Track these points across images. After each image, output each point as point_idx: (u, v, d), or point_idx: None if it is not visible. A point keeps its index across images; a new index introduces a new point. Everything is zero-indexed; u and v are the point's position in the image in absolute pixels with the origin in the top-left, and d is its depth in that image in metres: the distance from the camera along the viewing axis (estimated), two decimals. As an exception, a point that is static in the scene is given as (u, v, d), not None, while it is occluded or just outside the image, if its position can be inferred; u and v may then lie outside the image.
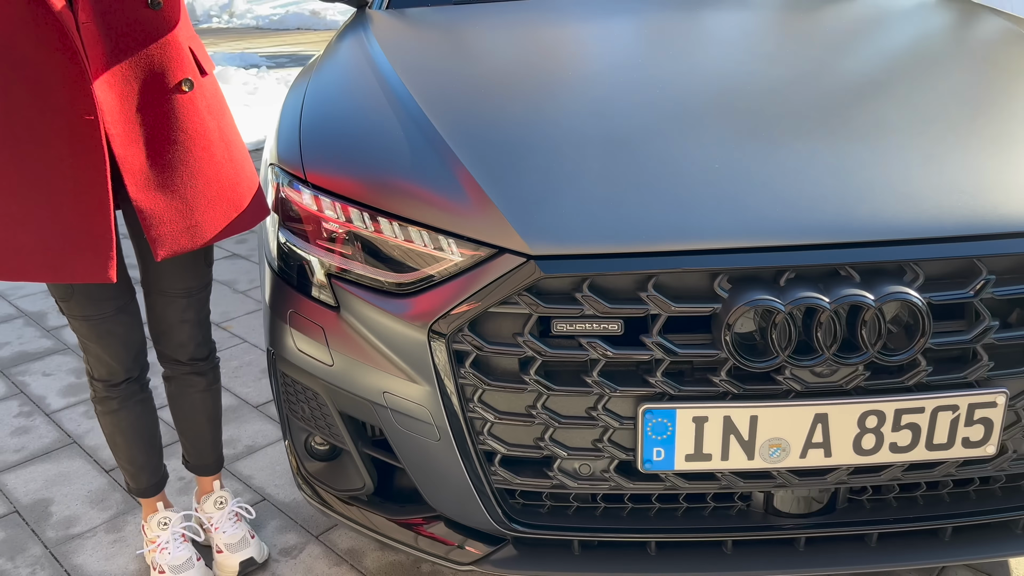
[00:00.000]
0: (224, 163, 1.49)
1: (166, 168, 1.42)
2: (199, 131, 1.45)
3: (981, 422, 1.27)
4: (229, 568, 1.76)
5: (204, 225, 1.48)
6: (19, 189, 1.35)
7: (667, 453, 1.28)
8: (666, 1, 2.22)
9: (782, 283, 1.23)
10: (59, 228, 1.36)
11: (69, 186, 1.35)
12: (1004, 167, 1.34)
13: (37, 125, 1.31)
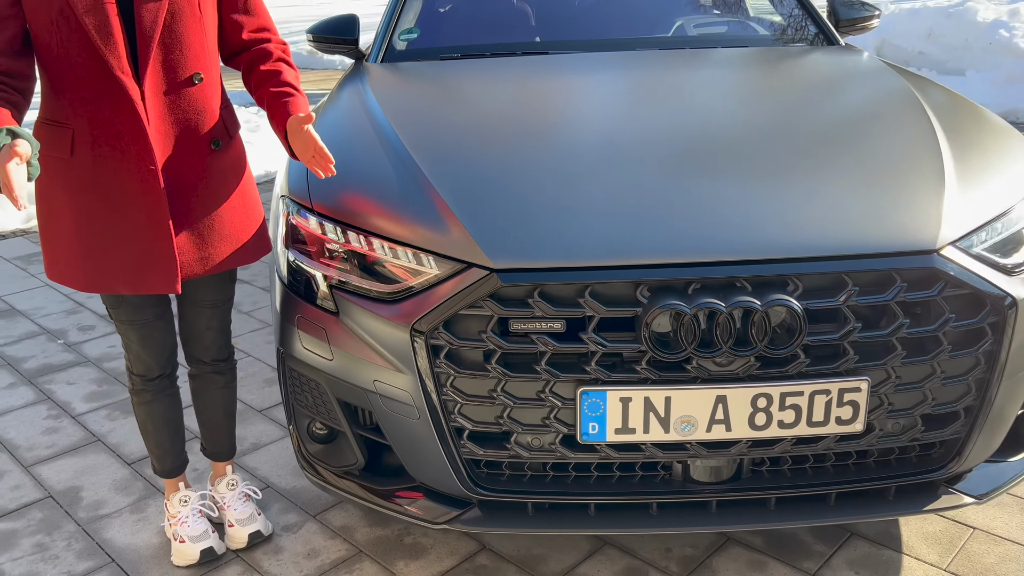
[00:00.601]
0: (238, 208, 1.83)
1: (193, 210, 1.76)
2: (222, 182, 1.80)
3: (850, 404, 1.59)
4: (239, 539, 2.05)
5: (215, 257, 1.81)
6: (105, 222, 1.68)
7: (600, 427, 1.60)
8: (618, 63, 2.58)
9: (690, 291, 1.56)
10: (135, 252, 1.70)
11: (142, 219, 1.69)
12: (868, 201, 1.68)
13: (116, 171, 1.65)
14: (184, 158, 1.74)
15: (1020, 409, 1.78)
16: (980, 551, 1.97)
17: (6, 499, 2.30)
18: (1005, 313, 1.62)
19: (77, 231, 1.71)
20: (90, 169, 1.66)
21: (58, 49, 1.60)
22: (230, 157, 1.84)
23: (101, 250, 1.71)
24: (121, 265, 1.73)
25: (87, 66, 1.60)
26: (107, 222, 1.70)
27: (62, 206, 1.70)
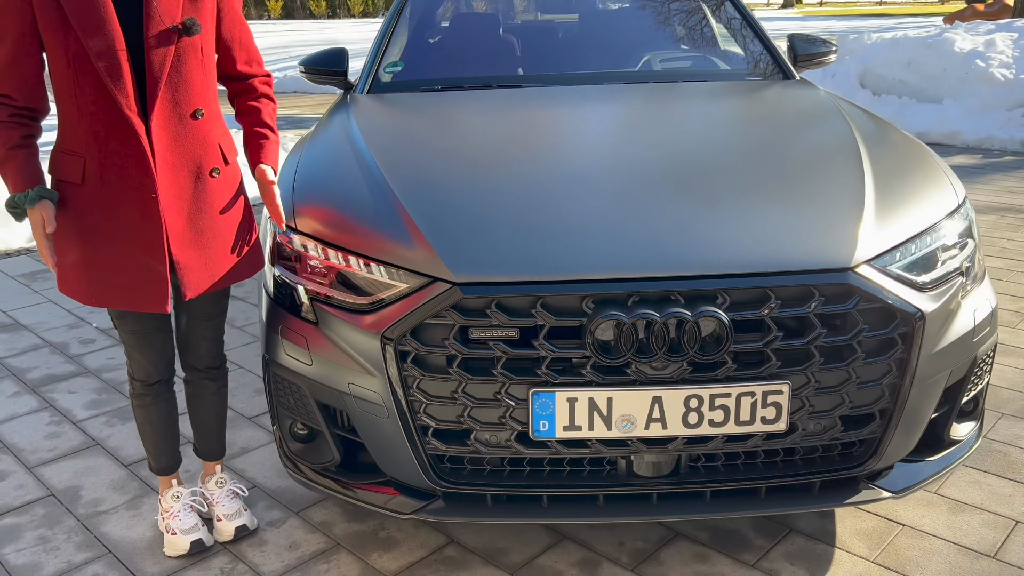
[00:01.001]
0: (236, 229, 2.03)
1: (196, 233, 1.95)
2: (221, 206, 1.99)
3: (773, 405, 1.78)
4: (226, 533, 2.22)
5: (219, 274, 2.00)
6: (108, 245, 1.87)
7: (550, 425, 1.78)
8: (583, 96, 2.79)
9: (629, 303, 1.75)
10: (133, 273, 1.89)
11: (140, 244, 1.87)
12: (792, 223, 1.87)
13: (120, 199, 1.84)
14: (187, 185, 1.93)
15: (934, 413, 1.97)
16: (906, 546, 2.14)
17: (10, 497, 2.47)
18: (914, 325, 1.81)
19: (83, 250, 1.90)
20: (98, 195, 1.86)
21: (73, 88, 1.80)
22: (228, 182, 2.03)
23: (103, 269, 1.89)
24: (120, 284, 1.91)
25: (99, 104, 1.80)
26: (110, 244, 1.89)
27: (71, 227, 1.88)
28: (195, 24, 1.83)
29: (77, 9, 1.75)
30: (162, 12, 1.82)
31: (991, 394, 2.91)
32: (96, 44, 1.76)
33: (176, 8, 1.83)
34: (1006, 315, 3.62)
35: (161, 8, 1.81)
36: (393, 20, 3.39)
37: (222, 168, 1.98)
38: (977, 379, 2.06)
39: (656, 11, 3.56)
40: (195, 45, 1.87)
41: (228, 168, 2.02)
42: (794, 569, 2.06)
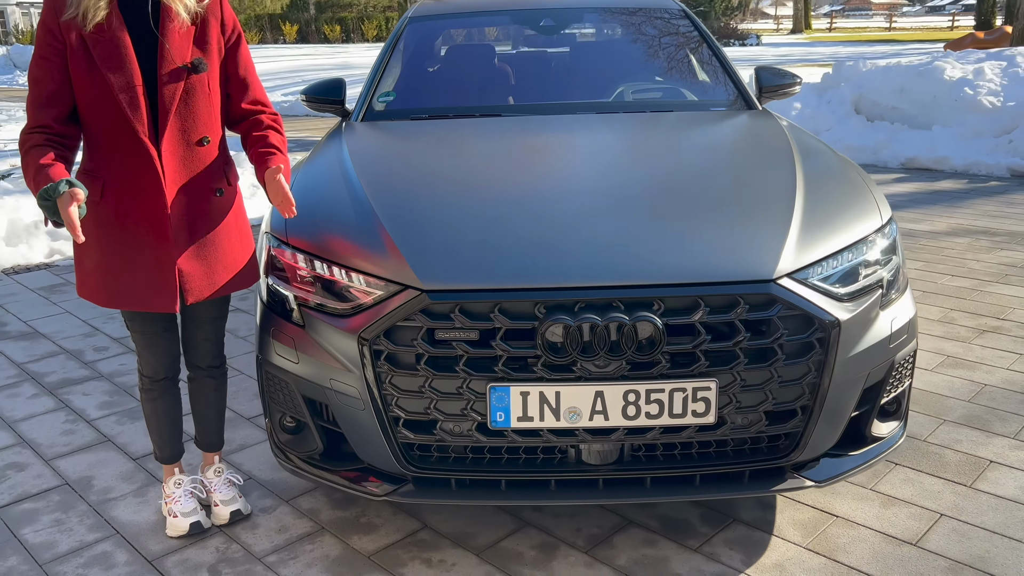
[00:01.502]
0: (236, 243, 2.28)
1: (200, 246, 2.20)
2: (223, 222, 2.24)
3: (702, 400, 2.01)
4: (222, 517, 2.46)
5: (218, 283, 2.25)
6: (121, 252, 2.13)
7: (505, 416, 2.02)
8: (555, 125, 3.05)
9: (576, 309, 1.99)
10: (144, 278, 2.14)
11: (151, 253, 2.13)
12: (724, 239, 2.11)
13: (134, 213, 2.10)
14: (193, 203, 2.19)
15: (854, 411, 2.19)
16: (836, 534, 2.36)
17: (29, 485, 2.72)
18: (830, 331, 2.04)
19: (101, 258, 2.16)
20: (114, 210, 2.12)
21: (98, 117, 2.07)
22: (229, 202, 2.29)
23: (118, 274, 2.15)
24: (133, 288, 2.17)
25: (118, 131, 2.07)
26: (124, 253, 2.15)
27: (91, 238, 2.15)
28: (202, 63, 2.10)
29: (104, 53, 2.02)
30: (173, 53, 2.09)
31: (936, 401, 3.12)
32: (118, 80, 2.03)
33: (186, 49, 2.10)
34: (963, 330, 3.83)
35: (173, 50, 2.08)
36: (387, 53, 3.67)
37: (225, 189, 2.24)
38: (897, 382, 2.28)
39: (632, 46, 3.83)
40: (202, 81, 2.14)
41: (230, 189, 2.29)
42: (732, 553, 2.28)
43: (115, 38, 2.05)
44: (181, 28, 2.11)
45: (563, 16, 3.89)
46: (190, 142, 2.15)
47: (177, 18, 2.11)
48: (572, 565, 2.25)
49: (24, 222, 5.66)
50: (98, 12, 2.01)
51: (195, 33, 2.15)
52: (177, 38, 2.11)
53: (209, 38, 2.17)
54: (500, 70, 3.62)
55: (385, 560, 2.29)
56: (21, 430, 3.10)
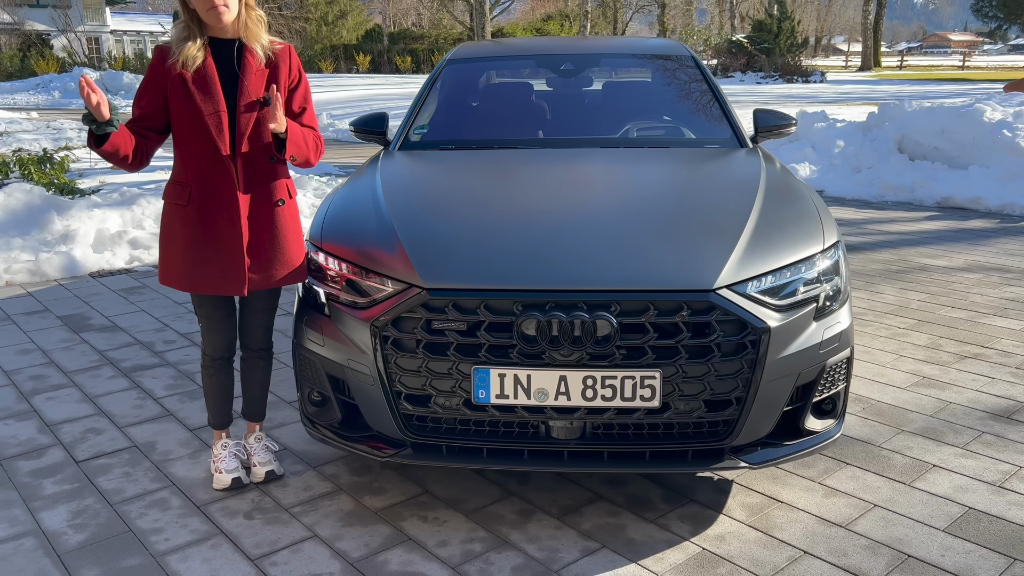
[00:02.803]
0: (292, 245, 2.76)
1: (262, 244, 2.70)
2: (282, 227, 2.74)
3: (649, 387, 2.41)
4: (259, 475, 2.94)
5: (275, 277, 2.75)
6: (202, 247, 2.63)
7: (486, 393, 2.45)
8: (561, 157, 3.50)
9: (547, 308, 2.42)
10: (219, 267, 2.65)
11: (226, 247, 2.64)
12: (677, 255, 2.53)
13: (214, 215, 2.62)
14: (260, 210, 2.70)
15: (787, 406, 2.56)
16: (777, 515, 2.72)
17: (105, 445, 3.26)
18: (761, 335, 2.43)
19: (184, 251, 2.67)
20: (197, 213, 2.64)
21: (189, 138, 2.60)
22: (289, 211, 2.79)
23: (198, 264, 2.66)
24: (210, 275, 2.67)
25: (205, 149, 2.59)
26: (204, 247, 2.66)
27: (177, 235, 2.67)
28: (271, 98, 2.61)
29: (197, 88, 2.56)
30: (249, 89, 2.61)
31: (899, 415, 3.44)
32: (207, 107, 2.57)
33: (260, 86, 2.62)
34: (945, 356, 4.12)
35: (249, 86, 2.61)
36: (426, 91, 4.19)
37: (286, 200, 2.75)
38: (830, 384, 2.65)
39: (643, 88, 4.27)
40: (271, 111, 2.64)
41: (290, 201, 2.79)
42: (682, 525, 2.66)
43: (206, 76, 2.59)
44: (257, 69, 2.65)
45: (582, 61, 4.36)
46: (260, 159, 2.66)
47: (255, 59, 2.64)
48: (544, 527, 2.66)
49: (110, 232, 6.35)
50: (196, 59, 2.57)
51: (268, 74, 2.67)
52: (253, 77, 2.64)
53: (279, 79, 2.70)
54: (522, 108, 4.10)
55: (389, 515, 2.74)
56: (100, 403, 3.66)
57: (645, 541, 2.59)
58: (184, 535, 2.65)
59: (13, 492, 2.91)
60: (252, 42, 2.64)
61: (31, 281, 5.68)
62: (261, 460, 2.97)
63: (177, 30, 2.62)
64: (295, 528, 2.68)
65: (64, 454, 3.19)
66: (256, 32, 2.66)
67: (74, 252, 5.99)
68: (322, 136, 2.87)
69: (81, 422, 3.46)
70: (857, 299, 5.09)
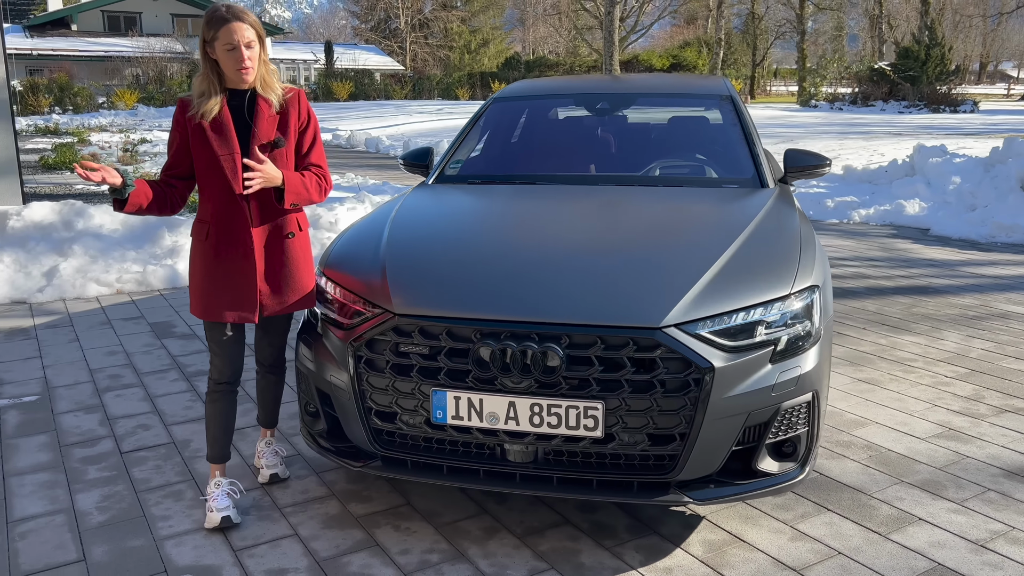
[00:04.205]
0: (302, 274, 3.02)
1: (274, 274, 2.97)
2: (293, 258, 2.99)
3: (592, 417, 2.53)
4: (264, 477, 3.23)
5: (287, 303, 3.01)
6: (220, 279, 2.91)
7: (443, 414, 2.64)
8: (575, 194, 3.66)
9: (502, 337, 2.59)
10: (235, 295, 2.91)
11: (240, 278, 2.91)
12: (632, 292, 2.63)
13: (230, 250, 2.89)
14: (273, 243, 2.98)
15: (736, 445, 2.61)
16: (734, 554, 2.75)
17: (148, 440, 3.66)
18: (704, 374, 2.50)
19: (203, 282, 2.94)
20: (215, 248, 2.92)
21: (208, 180, 2.89)
22: (300, 243, 3.07)
23: (214, 293, 2.93)
24: (226, 302, 2.93)
25: (221, 188, 2.87)
26: (221, 279, 2.93)
27: (197, 268, 2.95)
28: (281, 140, 2.90)
29: (214, 134, 2.85)
30: (261, 134, 2.89)
31: (905, 465, 3.35)
32: (222, 151, 2.85)
33: (271, 131, 2.90)
34: (984, 408, 3.94)
35: (260, 131, 2.89)
36: (469, 127, 4.44)
37: (296, 233, 3.00)
38: (786, 427, 2.66)
39: (675, 127, 4.35)
40: (282, 153, 2.92)
41: (301, 233, 3.04)
42: (636, 555, 2.74)
43: (223, 124, 2.87)
44: (269, 115, 2.93)
45: (619, 100, 4.49)
46: (271, 198, 2.93)
47: (267, 106, 2.95)
48: (503, 545, 2.81)
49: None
50: (213, 110, 2.84)
51: (279, 119, 2.95)
52: (265, 123, 2.92)
53: (288, 123, 2.97)
54: (552, 146, 4.28)
55: (366, 522, 2.97)
56: (157, 403, 4.10)
57: (593, 567, 2.68)
58: (186, 524, 2.97)
59: (62, 475, 3.34)
60: (268, 93, 2.91)
61: (137, 290, 6.33)
62: (268, 463, 3.26)
63: (197, 83, 2.91)
64: (281, 526, 2.95)
65: (113, 445, 3.61)
66: (271, 83, 2.92)
67: (177, 265, 6.61)
68: (329, 174, 3.14)
69: (136, 418, 3.90)
70: (912, 345, 4.92)
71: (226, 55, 2.80)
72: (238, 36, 2.77)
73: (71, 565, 2.72)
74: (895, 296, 6.10)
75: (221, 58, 2.82)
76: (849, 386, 4.23)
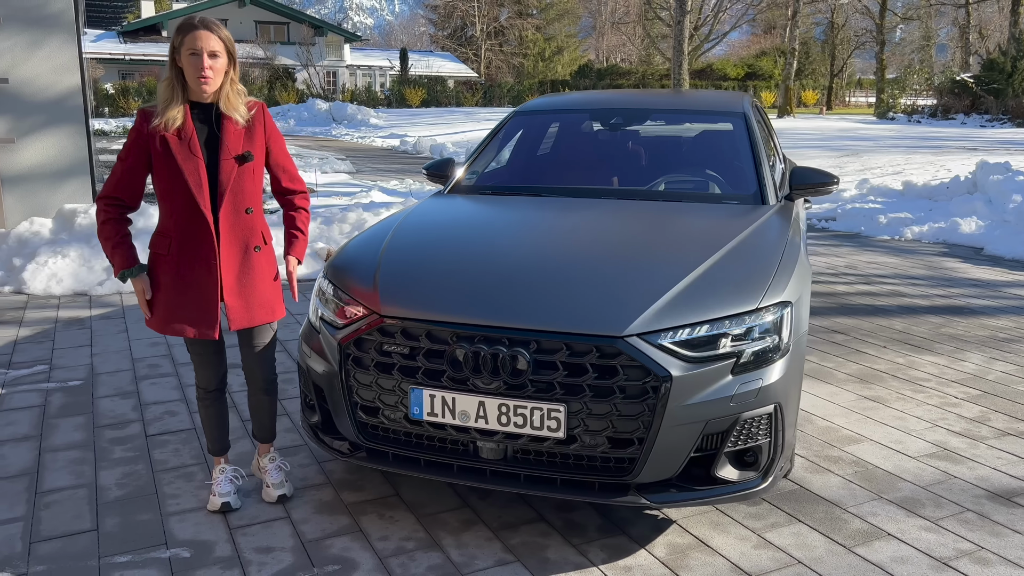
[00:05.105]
0: (268, 286, 3.10)
1: (242, 288, 3.06)
2: (259, 271, 3.09)
3: (555, 419, 2.68)
4: (271, 496, 3.16)
5: (254, 316, 3.09)
6: (182, 293, 3.01)
7: (419, 410, 2.83)
8: (578, 207, 3.80)
9: (475, 340, 2.76)
10: (196, 311, 3.01)
11: (202, 293, 3.00)
12: (600, 303, 2.77)
13: (192, 264, 3.00)
14: (238, 256, 2.96)
15: (694, 452, 2.72)
16: (695, 557, 2.85)
17: (174, 425, 3.95)
18: (662, 383, 2.63)
19: (164, 296, 2.93)
20: (177, 261, 2.90)
21: (172, 194, 2.98)
22: (266, 256, 3.05)
23: (176, 308, 2.94)
24: (186, 318, 2.94)
25: (185, 202, 2.98)
26: (182, 293, 2.92)
27: (158, 281, 2.95)
28: (249, 155, 3.00)
29: (178, 149, 2.93)
30: (229, 147, 2.98)
31: (888, 482, 3.39)
32: (188, 167, 2.94)
33: (239, 145, 2.99)
34: (986, 430, 3.92)
35: (228, 145, 2.97)
36: (489, 139, 4.63)
37: (262, 246, 3.10)
38: (746, 437, 2.76)
39: (687, 143, 4.44)
40: (249, 167, 3.04)
41: (266, 247, 3.07)
42: (599, 553, 2.87)
43: (188, 138, 2.87)
44: (236, 129, 2.99)
45: (634, 116, 4.61)
46: (238, 212, 2.95)
47: (233, 125, 2.93)
48: (476, 537, 2.98)
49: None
50: (176, 121, 2.91)
51: (245, 133, 2.96)
52: (232, 138, 2.93)
53: (254, 137, 2.97)
54: (566, 160, 4.43)
55: (355, 509, 3.17)
56: (187, 391, 4.40)
57: (556, 562, 2.83)
58: (192, 503, 3.23)
59: (91, 453, 3.65)
60: (230, 111, 2.92)
61: (188, 286, 6.71)
62: (274, 482, 3.23)
63: (161, 89, 2.89)
64: (276, 508, 3.18)
65: (140, 429, 3.92)
66: (235, 103, 2.92)
67: (228, 264, 6.98)
68: (299, 176, 3.22)
69: (165, 405, 4.20)
70: (930, 365, 4.88)
71: (188, 61, 2.81)
72: (202, 43, 2.80)
73: (84, 534, 3.00)
74: (926, 315, 6.03)
75: (185, 65, 2.83)
76: (853, 403, 4.26)
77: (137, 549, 2.90)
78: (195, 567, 2.80)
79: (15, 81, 7.55)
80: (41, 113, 7.69)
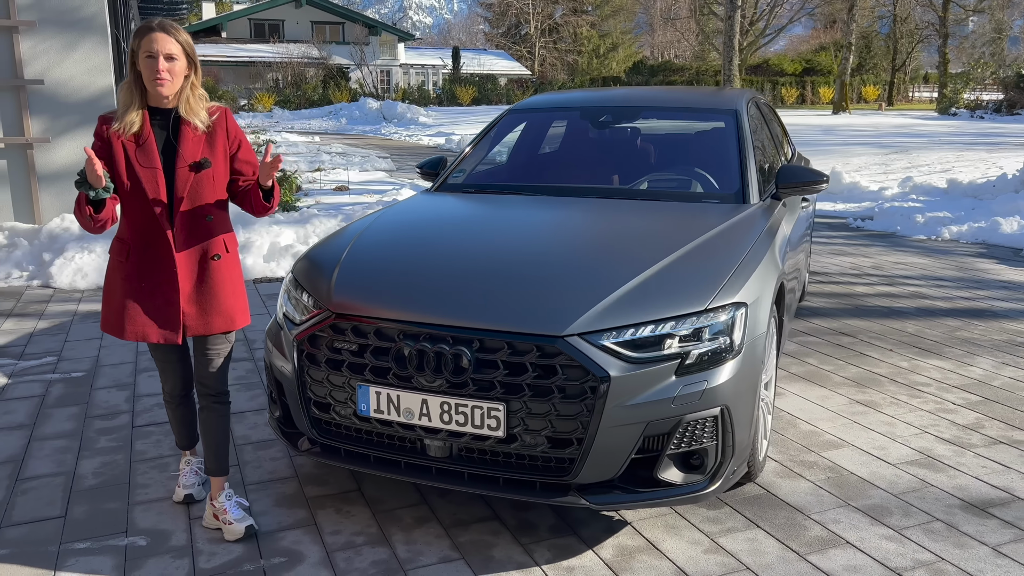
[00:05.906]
0: (228, 295, 3.05)
1: (200, 295, 3.02)
2: (219, 280, 3.03)
3: (495, 418, 2.68)
4: (237, 532, 2.92)
5: (211, 323, 3.04)
6: (142, 299, 2.99)
7: (367, 407, 2.86)
8: (556, 205, 3.78)
9: (420, 338, 2.78)
10: (157, 316, 2.98)
11: (163, 299, 3.00)
12: (546, 303, 2.76)
13: (151, 270, 2.97)
14: (196, 264, 2.89)
15: (635, 454, 2.68)
16: (641, 560, 2.82)
17: (160, 417, 4.05)
18: (600, 383, 2.60)
19: (123, 302, 2.87)
20: (136, 268, 2.84)
21: (130, 200, 2.96)
22: (227, 264, 2.96)
23: (136, 313, 2.87)
24: (147, 323, 2.88)
25: (142, 208, 2.95)
26: (143, 299, 2.86)
27: (116, 288, 2.88)
28: (207, 162, 2.95)
29: (136, 154, 2.91)
30: (186, 155, 2.82)
31: (858, 488, 3.29)
32: (145, 174, 2.78)
33: (197, 151, 2.95)
34: (977, 438, 3.78)
35: (186, 152, 2.94)
36: (479, 137, 4.64)
37: (223, 255, 2.94)
38: (690, 439, 2.71)
39: (676, 141, 4.38)
40: (208, 174, 2.85)
41: (228, 255, 2.97)
42: (545, 552, 2.86)
43: (146, 143, 2.81)
44: (195, 135, 2.95)
45: (624, 114, 4.57)
46: (197, 219, 2.86)
47: (192, 130, 2.85)
48: (426, 534, 2.99)
49: (280, 245, 7.46)
50: (133, 126, 2.79)
51: (205, 139, 2.87)
52: (190, 144, 2.84)
53: (216, 143, 2.89)
54: (552, 158, 4.41)
55: (314, 503, 3.22)
56: (181, 385, 4.51)
57: (501, 560, 2.83)
58: (160, 492, 3.32)
59: (77, 442, 3.78)
60: (190, 116, 2.85)
61: (207, 282, 6.88)
62: (236, 517, 2.98)
63: (121, 93, 2.85)
64: (239, 501, 3.25)
65: (128, 420, 4.03)
66: (195, 108, 2.87)
67: (247, 260, 7.14)
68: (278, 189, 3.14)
69: (156, 397, 4.32)
70: (934, 369, 4.73)
71: (145, 63, 2.77)
72: (158, 46, 2.75)
73: (52, 520, 3.11)
74: (943, 318, 5.84)
75: (142, 67, 2.79)
76: (843, 407, 4.15)
77: (97, 536, 2.99)
78: (148, 555, 2.88)
79: (50, 83, 7.83)
80: (75, 114, 7.96)
